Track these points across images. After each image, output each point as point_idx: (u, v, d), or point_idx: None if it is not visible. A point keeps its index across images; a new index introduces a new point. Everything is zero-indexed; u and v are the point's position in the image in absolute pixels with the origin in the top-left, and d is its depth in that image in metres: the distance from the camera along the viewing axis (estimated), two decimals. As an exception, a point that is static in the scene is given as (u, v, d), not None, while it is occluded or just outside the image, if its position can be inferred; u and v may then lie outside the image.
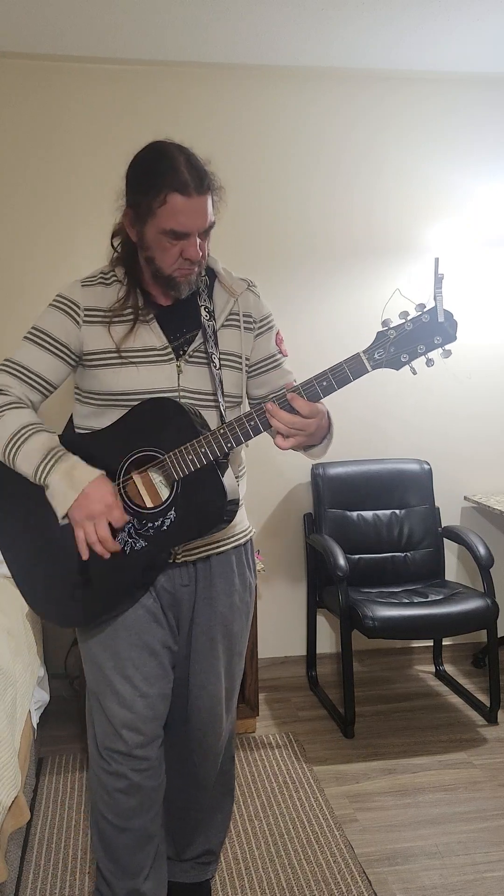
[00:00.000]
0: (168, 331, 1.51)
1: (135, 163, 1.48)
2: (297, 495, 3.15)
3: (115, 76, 2.85)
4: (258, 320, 1.60)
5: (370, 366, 1.37)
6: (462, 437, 3.24)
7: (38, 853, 2.04)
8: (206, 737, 1.70)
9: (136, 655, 1.56)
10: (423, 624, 2.59)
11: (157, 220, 1.39)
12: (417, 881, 1.93)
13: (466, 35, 2.70)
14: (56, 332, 1.51)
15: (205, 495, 1.41)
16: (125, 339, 1.48)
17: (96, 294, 1.52)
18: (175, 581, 1.57)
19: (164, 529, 1.42)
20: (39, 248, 2.88)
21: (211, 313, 1.53)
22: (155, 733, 1.61)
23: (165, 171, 1.39)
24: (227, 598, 1.62)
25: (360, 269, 3.09)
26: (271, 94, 2.96)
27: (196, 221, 1.40)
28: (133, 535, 1.44)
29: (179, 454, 1.40)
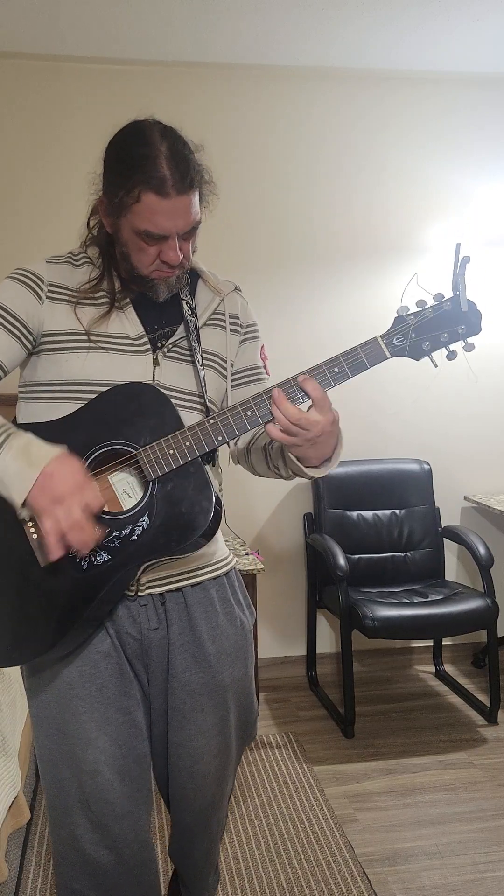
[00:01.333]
0: (145, 320, 1.30)
1: (111, 144, 1.27)
2: (297, 495, 3.15)
3: (115, 76, 2.85)
4: (245, 325, 1.40)
5: (389, 352, 1.22)
6: (462, 437, 3.24)
7: (38, 853, 2.04)
8: (188, 793, 1.41)
9: (99, 715, 1.28)
10: (423, 624, 2.59)
11: (131, 217, 1.19)
12: (417, 881, 1.93)
13: (466, 35, 2.70)
14: (12, 306, 1.24)
15: (190, 498, 1.17)
16: (96, 323, 1.26)
17: (63, 272, 1.31)
18: (140, 624, 1.29)
19: (133, 539, 1.17)
20: (40, 248, 2.87)
21: (193, 309, 1.34)
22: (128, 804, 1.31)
23: (142, 162, 1.17)
24: (211, 643, 1.33)
25: (361, 269, 3.09)
26: (272, 95, 2.96)
27: (175, 223, 1.19)
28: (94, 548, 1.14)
29: (157, 448, 1.17)
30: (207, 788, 1.42)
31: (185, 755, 1.36)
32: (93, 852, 1.31)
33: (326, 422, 1.18)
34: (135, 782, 1.32)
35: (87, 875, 1.34)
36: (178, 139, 1.22)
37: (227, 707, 1.38)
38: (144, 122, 1.26)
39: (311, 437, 1.17)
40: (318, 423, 1.17)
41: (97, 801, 1.29)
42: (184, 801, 1.42)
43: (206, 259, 1.41)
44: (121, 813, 1.30)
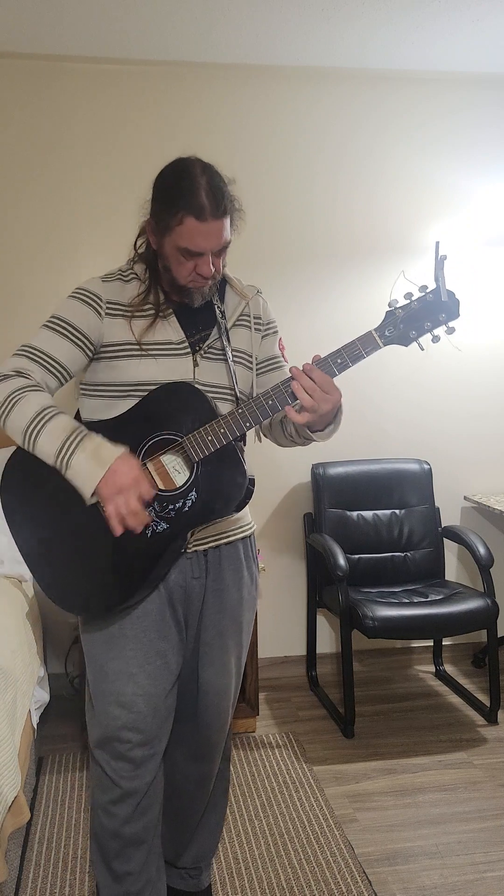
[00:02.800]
0: (185, 326, 1.55)
1: (160, 176, 1.51)
2: (297, 495, 3.15)
3: (116, 76, 2.85)
4: (265, 323, 1.67)
5: (381, 342, 1.43)
6: (462, 437, 3.24)
7: (38, 853, 2.04)
8: (213, 733, 1.69)
9: (142, 654, 1.53)
10: (423, 624, 2.59)
11: (174, 236, 1.44)
12: (417, 881, 1.93)
13: (467, 35, 2.70)
14: (77, 322, 1.51)
15: (227, 475, 1.45)
16: (145, 333, 1.52)
17: (115, 289, 1.55)
18: (186, 574, 1.57)
19: (185, 511, 1.45)
20: (42, 248, 2.88)
21: (224, 313, 1.60)
22: (155, 733, 1.57)
23: (184, 192, 1.42)
24: (237, 590, 1.62)
25: (362, 269, 3.09)
26: (272, 94, 2.96)
27: (210, 243, 1.44)
28: (154, 518, 1.44)
29: (199, 435, 1.43)
30: (226, 725, 1.71)
31: (212, 692, 1.64)
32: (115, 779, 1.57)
33: (334, 400, 1.42)
34: (160, 720, 1.58)
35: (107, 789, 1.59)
36: (216, 174, 1.47)
37: (241, 647, 1.67)
38: (188, 158, 1.51)
39: (322, 412, 1.42)
40: (328, 400, 1.41)
41: (129, 731, 1.54)
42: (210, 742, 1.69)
43: None
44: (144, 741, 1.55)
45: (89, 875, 1.95)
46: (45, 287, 2.87)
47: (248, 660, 2.63)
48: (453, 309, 1.41)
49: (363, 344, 1.42)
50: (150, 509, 1.44)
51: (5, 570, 2.41)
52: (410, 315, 1.42)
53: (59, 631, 2.93)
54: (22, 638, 2.14)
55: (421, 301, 1.41)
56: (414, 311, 1.42)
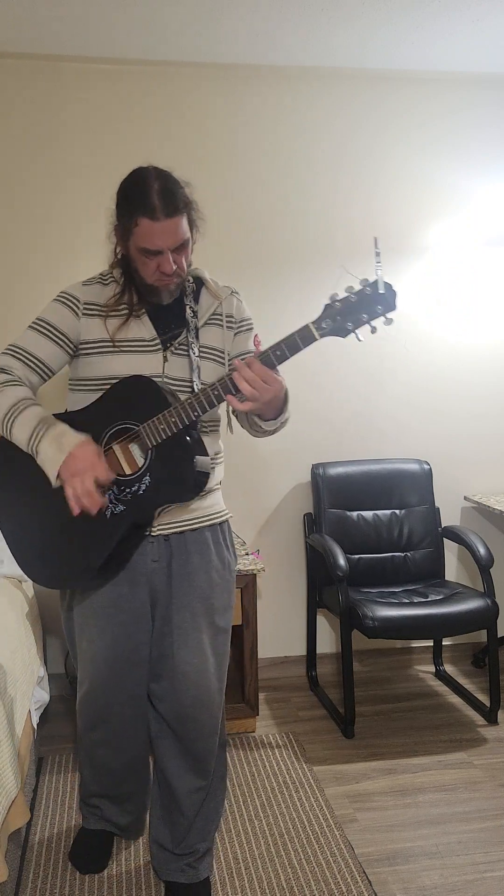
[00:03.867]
0: (158, 325, 1.69)
1: (120, 187, 1.62)
2: (297, 495, 3.15)
3: (115, 76, 2.85)
4: (238, 321, 1.77)
5: (318, 334, 1.49)
6: (462, 437, 3.24)
7: (38, 853, 2.04)
8: (199, 713, 1.76)
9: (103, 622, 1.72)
10: (423, 624, 2.59)
11: (134, 239, 1.57)
12: (417, 881, 1.93)
13: (467, 35, 2.70)
14: (57, 323, 1.68)
15: (176, 460, 1.56)
16: (118, 331, 1.66)
17: (94, 292, 1.71)
18: (147, 557, 1.70)
19: (140, 494, 1.58)
20: (40, 247, 2.88)
21: (196, 313, 1.71)
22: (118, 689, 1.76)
23: (138, 197, 1.54)
24: (204, 573, 1.73)
25: (361, 269, 3.09)
26: (271, 94, 2.96)
27: (166, 241, 1.55)
28: (113, 501, 1.60)
29: (152, 424, 1.56)
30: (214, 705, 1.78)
31: (191, 671, 1.73)
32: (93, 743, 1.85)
33: (275, 388, 1.51)
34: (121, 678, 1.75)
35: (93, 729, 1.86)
36: (169, 178, 1.57)
37: (217, 628, 1.77)
38: (144, 167, 1.60)
39: (266, 400, 1.52)
40: (269, 389, 1.51)
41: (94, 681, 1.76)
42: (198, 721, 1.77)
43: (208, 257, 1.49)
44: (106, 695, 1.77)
45: (89, 875, 1.95)
46: (42, 285, 2.87)
47: (247, 660, 2.63)
48: (390, 301, 1.47)
49: (301, 336, 1.49)
50: (108, 493, 1.59)
51: (5, 570, 2.41)
52: (348, 308, 1.47)
53: (59, 631, 2.93)
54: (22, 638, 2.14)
55: (359, 294, 1.47)
56: (352, 304, 1.47)
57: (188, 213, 1.58)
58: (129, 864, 1.99)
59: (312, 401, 3.11)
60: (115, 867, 1.98)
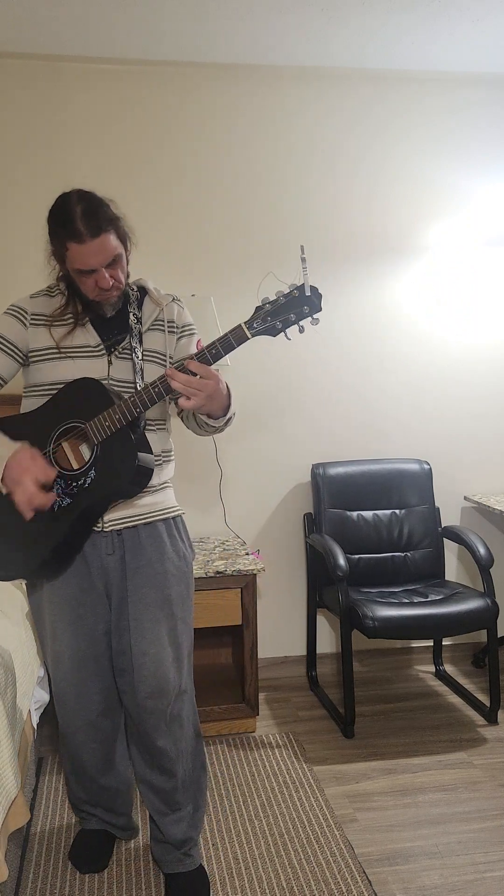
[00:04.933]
0: (102, 332, 1.77)
1: (48, 216, 1.69)
2: (297, 495, 3.15)
3: (115, 76, 2.85)
4: (180, 326, 1.84)
5: (250, 333, 1.58)
6: (462, 437, 3.24)
7: (38, 853, 2.04)
8: (156, 704, 1.78)
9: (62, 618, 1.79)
10: (423, 624, 2.59)
11: (68, 262, 1.66)
12: (417, 881, 1.93)
13: (466, 35, 2.70)
14: (7, 334, 1.77)
15: (120, 454, 1.63)
16: (64, 338, 1.75)
17: (41, 303, 1.80)
18: (101, 551, 1.77)
19: (86, 487, 1.66)
20: (40, 247, 2.88)
21: (139, 319, 1.79)
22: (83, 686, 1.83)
23: (63, 223, 1.62)
24: (159, 564, 1.78)
25: (360, 269, 3.09)
26: (271, 94, 2.96)
27: (97, 259, 1.63)
28: (60, 495, 1.68)
29: (98, 421, 1.64)
30: (170, 694, 1.80)
31: (148, 662, 1.77)
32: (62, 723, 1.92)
33: (212, 383, 1.59)
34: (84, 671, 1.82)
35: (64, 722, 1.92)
36: (92, 198, 1.66)
37: (175, 618, 1.80)
38: (65, 194, 1.68)
39: (205, 397, 1.60)
40: (206, 384, 1.59)
41: (61, 681, 1.84)
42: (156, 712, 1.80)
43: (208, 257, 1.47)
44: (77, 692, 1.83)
45: (89, 875, 1.95)
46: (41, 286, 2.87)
47: (247, 660, 2.63)
48: (315, 303, 1.57)
49: (234, 336, 1.58)
50: (56, 487, 1.67)
51: (5, 571, 2.41)
52: (277, 309, 1.57)
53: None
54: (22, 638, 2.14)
55: (287, 297, 1.57)
56: (280, 305, 1.57)
57: (115, 229, 1.65)
58: (129, 864, 1.99)
59: (312, 401, 3.11)
60: (115, 867, 1.98)
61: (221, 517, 3.06)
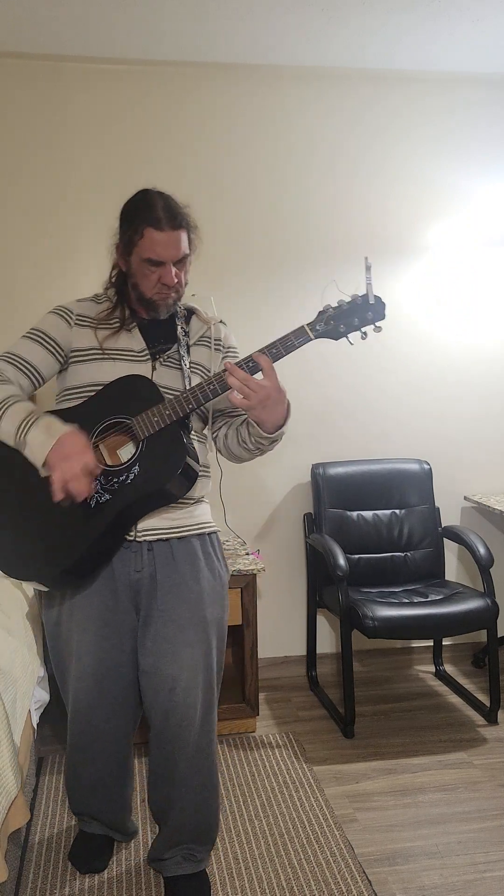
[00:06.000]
0: (148, 339, 1.75)
1: (124, 205, 1.71)
2: (297, 495, 3.15)
3: (115, 76, 2.85)
4: (226, 346, 1.83)
5: (312, 335, 1.58)
6: (462, 437, 3.24)
7: (38, 853, 2.04)
8: (182, 730, 1.73)
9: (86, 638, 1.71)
10: (423, 624, 2.59)
11: (138, 250, 1.64)
12: (417, 881, 1.93)
13: (466, 35, 2.70)
14: (50, 331, 1.74)
15: (166, 452, 1.59)
16: (107, 340, 1.72)
17: (87, 307, 1.79)
18: (129, 567, 1.69)
19: (127, 483, 1.59)
20: (40, 247, 2.88)
21: (187, 332, 1.78)
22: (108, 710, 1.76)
23: (144, 210, 1.64)
24: (195, 583, 1.70)
25: (360, 269, 3.08)
26: (271, 94, 2.96)
27: (169, 252, 1.63)
28: (99, 490, 1.61)
29: (145, 417, 1.59)
30: (196, 721, 1.73)
31: (178, 688, 1.69)
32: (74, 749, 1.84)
33: (272, 386, 1.55)
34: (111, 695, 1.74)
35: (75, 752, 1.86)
36: (171, 198, 1.68)
37: (209, 642, 1.72)
38: (146, 189, 1.71)
39: (261, 398, 1.54)
40: (265, 386, 1.54)
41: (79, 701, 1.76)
42: (180, 738, 1.73)
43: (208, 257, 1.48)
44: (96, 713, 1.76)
45: (89, 875, 1.95)
46: (42, 286, 2.87)
47: (247, 660, 2.63)
48: (380, 310, 1.58)
49: (295, 336, 1.57)
50: (95, 482, 1.59)
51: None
52: (340, 314, 1.58)
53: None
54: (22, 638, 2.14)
55: (351, 303, 1.58)
56: (343, 311, 1.58)
57: (189, 232, 1.66)
58: (129, 864, 1.99)
59: (312, 401, 3.11)
60: (115, 867, 1.98)
61: (221, 517, 3.06)
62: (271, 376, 1.55)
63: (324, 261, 3.06)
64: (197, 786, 1.80)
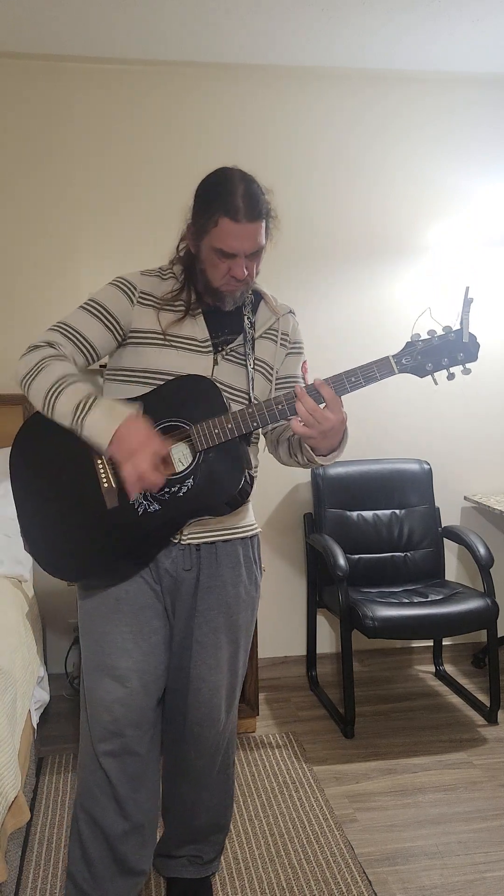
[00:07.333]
0: (212, 327, 1.61)
1: (201, 183, 1.58)
2: (297, 495, 3.15)
3: (115, 76, 2.85)
4: (292, 341, 1.72)
5: (397, 369, 1.49)
6: (462, 437, 3.24)
7: (38, 853, 2.04)
8: (203, 730, 1.69)
9: (137, 630, 1.58)
10: (423, 624, 2.59)
11: (210, 238, 1.51)
12: (417, 881, 1.93)
13: (466, 35, 2.70)
14: (110, 306, 1.59)
15: (225, 468, 1.48)
16: (171, 325, 1.58)
17: (151, 283, 1.63)
18: (178, 564, 1.60)
19: (179, 495, 1.49)
20: (39, 247, 2.88)
21: (253, 324, 1.65)
22: (146, 713, 1.60)
23: (222, 195, 1.49)
24: (233, 588, 1.64)
25: (360, 269, 3.09)
26: (271, 94, 2.96)
27: (243, 245, 1.50)
28: (148, 498, 1.49)
29: (206, 426, 1.47)
30: (220, 723, 1.70)
31: (205, 689, 1.65)
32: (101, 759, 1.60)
33: (336, 420, 1.45)
34: (151, 697, 1.61)
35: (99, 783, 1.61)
36: (253, 182, 1.55)
37: (237, 645, 1.68)
38: (229, 167, 1.57)
39: (324, 430, 1.45)
40: (330, 419, 1.44)
41: (121, 706, 1.57)
42: (200, 738, 1.69)
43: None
44: (136, 720, 1.59)
45: (89, 875, 1.95)
46: (42, 286, 2.87)
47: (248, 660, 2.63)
48: (472, 352, 1.47)
49: (379, 368, 1.48)
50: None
51: (5, 570, 2.41)
52: (430, 350, 1.48)
53: (59, 631, 2.94)
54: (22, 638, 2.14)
55: (442, 339, 1.47)
56: (433, 346, 1.48)
57: (267, 223, 1.55)
58: (129, 864, 1.99)
59: (312, 401, 3.10)
60: (115, 867, 1.98)
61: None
62: (337, 408, 1.45)
63: (324, 261, 3.06)
64: (214, 786, 1.78)
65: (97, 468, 1.51)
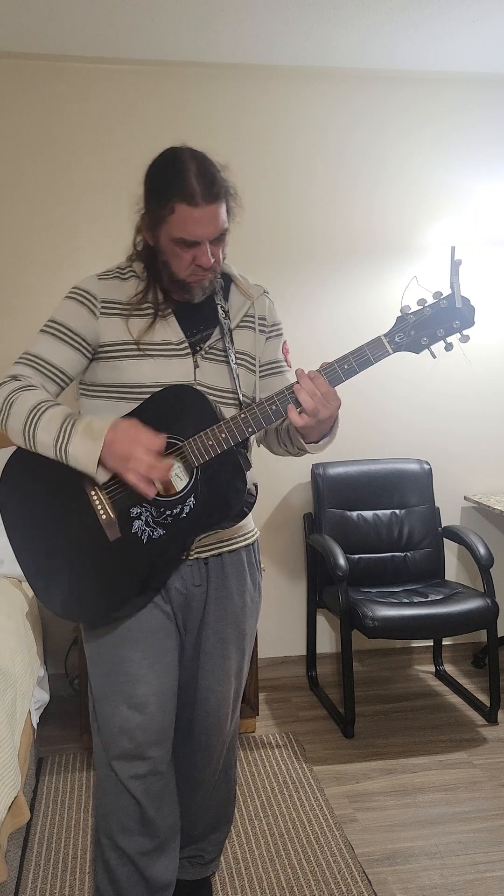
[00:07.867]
0: (185, 326, 1.51)
1: (149, 169, 1.46)
2: (297, 495, 3.15)
3: (115, 76, 2.85)
4: (270, 324, 1.62)
5: (391, 348, 1.39)
6: (462, 437, 3.24)
7: (38, 853, 2.04)
8: (210, 739, 1.68)
9: (151, 655, 1.52)
10: (423, 624, 2.59)
11: (168, 227, 1.39)
12: (417, 881, 1.93)
13: (466, 35, 2.70)
14: (72, 324, 1.48)
15: (226, 481, 1.39)
16: (144, 333, 1.48)
17: (112, 287, 1.51)
18: (188, 582, 1.55)
19: (182, 517, 1.40)
20: (38, 247, 2.88)
21: (227, 313, 1.54)
22: (166, 732, 1.57)
23: (174, 179, 1.37)
24: (239, 597, 1.60)
25: (361, 269, 3.09)
26: (271, 94, 2.96)
27: (205, 230, 1.39)
28: (150, 524, 1.41)
29: (199, 440, 1.38)
30: (226, 731, 1.69)
31: (213, 699, 1.63)
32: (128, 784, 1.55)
33: (334, 407, 1.39)
34: (170, 716, 1.57)
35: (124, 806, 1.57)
36: (206, 159, 1.42)
37: (243, 653, 1.66)
38: (175, 148, 1.45)
39: (322, 418, 1.39)
40: (328, 405, 1.38)
41: (143, 731, 1.52)
42: (207, 747, 1.68)
43: None
44: (157, 741, 1.55)
45: (89, 875, 1.95)
46: (42, 286, 2.87)
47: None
48: (468, 316, 1.37)
49: (371, 349, 1.38)
50: (146, 514, 1.41)
51: (5, 570, 2.41)
52: (423, 321, 1.37)
53: (59, 631, 2.93)
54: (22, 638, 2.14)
55: (434, 307, 1.37)
56: (426, 317, 1.37)
57: (227, 202, 1.43)
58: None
59: (312, 401, 3.10)
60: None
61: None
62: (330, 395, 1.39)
63: (325, 260, 3.06)
64: (216, 787, 1.78)
65: (92, 501, 1.43)
